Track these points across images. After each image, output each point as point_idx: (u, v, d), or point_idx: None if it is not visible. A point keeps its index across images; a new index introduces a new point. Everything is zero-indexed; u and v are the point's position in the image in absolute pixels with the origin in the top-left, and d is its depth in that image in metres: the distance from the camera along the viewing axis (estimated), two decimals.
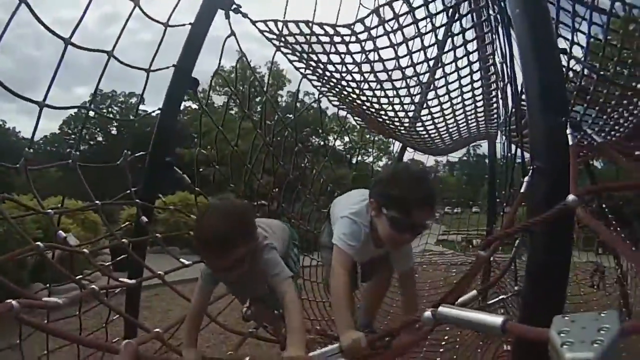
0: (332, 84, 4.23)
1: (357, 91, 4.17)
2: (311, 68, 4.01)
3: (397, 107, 4.45)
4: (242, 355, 1.29)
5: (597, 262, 9.23)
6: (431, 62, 3.86)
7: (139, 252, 2.71)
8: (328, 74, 3.98)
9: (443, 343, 4.58)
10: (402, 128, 5.14)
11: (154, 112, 3.19)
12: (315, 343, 2.43)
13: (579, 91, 3.35)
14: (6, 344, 2.51)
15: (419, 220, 1.58)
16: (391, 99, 4.24)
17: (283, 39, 3.51)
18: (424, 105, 4.61)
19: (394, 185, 1.60)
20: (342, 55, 3.62)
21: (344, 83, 4.08)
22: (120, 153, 2.71)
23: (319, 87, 4.38)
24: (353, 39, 3.37)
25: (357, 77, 3.90)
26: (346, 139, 23.05)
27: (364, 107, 4.58)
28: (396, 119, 4.79)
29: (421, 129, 5.10)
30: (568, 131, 1.59)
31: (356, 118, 5.45)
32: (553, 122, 1.60)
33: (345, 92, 4.33)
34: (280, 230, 2.04)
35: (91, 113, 2.84)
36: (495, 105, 5.02)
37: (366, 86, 4.03)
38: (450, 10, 3.91)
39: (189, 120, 33.47)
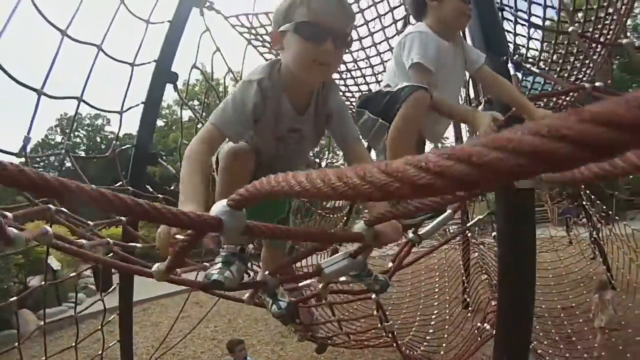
0: None
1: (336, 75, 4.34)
2: None
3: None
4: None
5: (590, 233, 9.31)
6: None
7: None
8: None
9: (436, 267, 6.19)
10: None
11: (137, 105, 3.17)
12: None
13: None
14: None
15: None
16: (377, 76, 4.36)
17: (254, 31, 3.64)
18: None
19: None
20: None
21: None
22: (90, 176, 2.76)
23: None
24: None
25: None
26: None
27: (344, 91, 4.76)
28: None
29: None
30: (510, 66, 1.80)
31: None
32: (495, 60, 1.81)
33: None
34: None
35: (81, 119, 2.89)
36: None
37: (344, 67, 4.18)
38: None
39: (157, 138, 31.71)
